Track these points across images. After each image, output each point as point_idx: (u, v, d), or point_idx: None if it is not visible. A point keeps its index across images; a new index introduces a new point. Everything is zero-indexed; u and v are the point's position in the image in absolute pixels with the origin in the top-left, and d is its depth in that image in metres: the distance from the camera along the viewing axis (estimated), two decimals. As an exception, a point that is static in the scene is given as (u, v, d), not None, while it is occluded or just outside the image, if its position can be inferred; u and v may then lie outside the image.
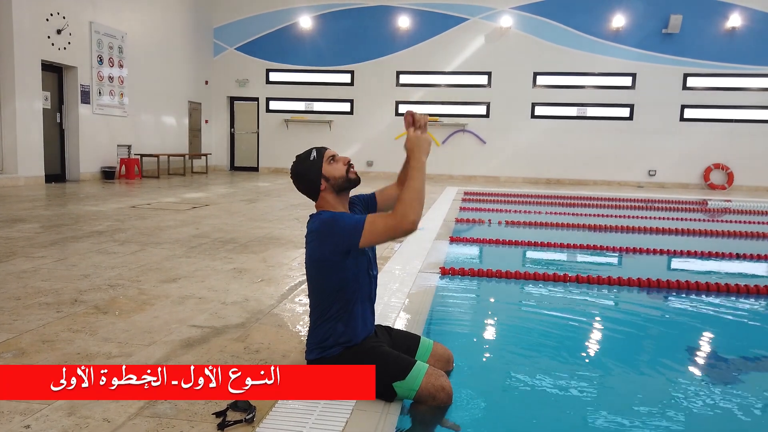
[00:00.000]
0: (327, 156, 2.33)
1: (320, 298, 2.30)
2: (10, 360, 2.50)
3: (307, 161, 2.33)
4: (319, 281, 2.29)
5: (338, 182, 2.31)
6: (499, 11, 16.32)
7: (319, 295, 2.30)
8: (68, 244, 5.10)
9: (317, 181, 2.32)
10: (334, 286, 2.26)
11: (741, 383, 2.74)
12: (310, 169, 2.32)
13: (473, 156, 16.84)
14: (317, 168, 2.31)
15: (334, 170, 2.31)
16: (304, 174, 2.33)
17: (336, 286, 2.26)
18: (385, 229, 2.14)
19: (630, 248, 5.96)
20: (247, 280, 4.04)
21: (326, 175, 2.31)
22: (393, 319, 3.26)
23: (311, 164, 2.32)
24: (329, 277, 2.25)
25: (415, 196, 2.13)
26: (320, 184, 2.32)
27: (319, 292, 2.30)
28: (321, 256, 2.25)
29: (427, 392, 2.21)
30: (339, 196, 2.34)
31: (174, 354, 2.61)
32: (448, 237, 6.17)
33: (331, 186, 2.32)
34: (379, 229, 2.14)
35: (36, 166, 10.91)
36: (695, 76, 15.87)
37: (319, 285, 2.30)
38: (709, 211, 10.55)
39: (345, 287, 2.27)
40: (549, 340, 3.26)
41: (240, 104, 17.99)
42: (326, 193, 2.33)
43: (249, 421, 1.99)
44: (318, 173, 2.31)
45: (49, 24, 11.12)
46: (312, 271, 2.31)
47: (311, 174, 2.32)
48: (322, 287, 2.29)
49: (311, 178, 2.32)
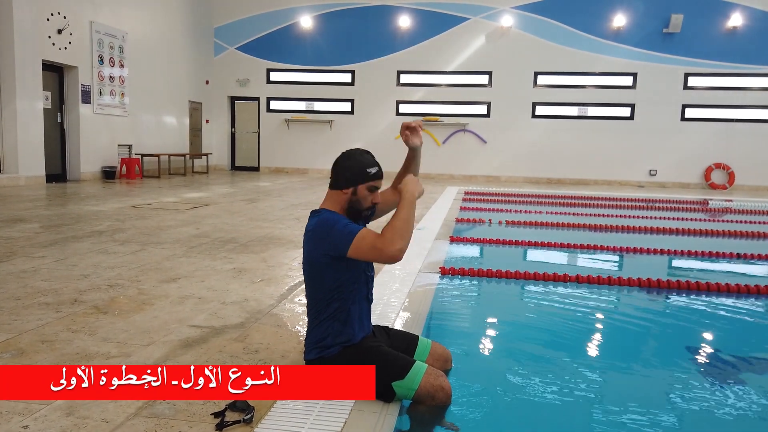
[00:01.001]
0: (374, 183, 2.30)
1: (317, 297, 2.30)
2: (8, 360, 2.50)
3: (361, 165, 2.28)
4: (316, 281, 2.29)
5: (354, 206, 2.30)
6: (500, 11, 16.31)
7: (316, 295, 2.31)
8: (68, 244, 5.10)
9: (346, 184, 2.28)
10: (330, 286, 2.26)
11: (742, 383, 2.73)
12: (353, 174, 2.27)
13: (474, 156, 16.84)
14: (358, 179, 2.27)
15: (363, 197, 2.29)
16: (347, 170, 2.28)
17: (332, 286, 2.26)
18: (370, 248, 2.14)
19: (630, 248, 5.95)
20: (246, 280, 4.04)
21: (355, 193, 2.28)
22: (393, 318, 3.26)
23: (360, 173, 2.27)
24: (325, 277, 2.25)
25: (403, 226, 2.16)
26: (346, 188, 2.29)
27: (316, 291, 2.30)
28: (315, 257, 2.25)
29: (426, 392, 2.21)
30: (344, 211, 2.32)
31: (173, 354, 2.61)
32: (448, 237, 6.17)
33: (349, 201, 2.29)
34: (366, 246, 2.14)
35: (37, 165, 10.91)
36: (696, 76, 15.85)
37: (315, 284, 2.30)
38: (709, 211, 10.54)
39: (341, 287, 2.27)
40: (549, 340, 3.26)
41: (241, 104, 17.99)
42: (341, 197, 2.30)
43: (247, 421, 1.98)
44: (353, 182, 2.27)
45: (50, 24, 11.12)
46: (308, 271, 2.31)
47: (349, 175, 2.27)
48: (318, 287, 2.29)
49: (347, 176, 2.28)
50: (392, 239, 2.12)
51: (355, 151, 2.34)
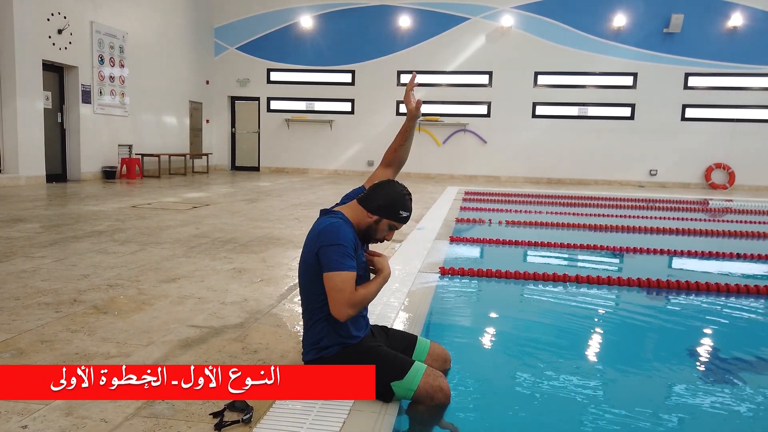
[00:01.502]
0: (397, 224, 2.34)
1: (310, 298, 2.30)
2: (8, 360, 2.50)
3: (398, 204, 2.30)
4: (311, 282, 2.28)
5: (370, 232, 2.33)
6: (500, 11, 16.30)
7: (310, 296, 2.30)
8: (68, 244, 5.10)
9: (376, 211, 2.30)
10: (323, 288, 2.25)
11: (742, 383, 2.73)
12: (388, 207, 2.29)
13: (474, 156, 16.84)
14: (388, 214, 2.30)
15: (382, 230, 2.34)
16: (384, 200, 2.30)
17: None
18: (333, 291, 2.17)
19: (631, 248, 5.95)
20: (246, 280, 4.04)
21: (378, 222, 2.31)
22: (392, 318, 3.25)
23: (394, 211, 2.30)
24: (319, 277, 2.24)
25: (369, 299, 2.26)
26: (371, 214, 2.31)
27: (310, 292, 2.30)
28: (310, 261, 2.26)
29: (425, 392, 2.21)
30: (359, 228, 2.33)
31: (172, 354, 2.61)
32: (448, 237, 6.16)
33: (369, 225, 2.32)
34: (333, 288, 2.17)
35: (37, 165, 10.91)
36: (696, 76, 15.85)
37: (309, 285, 2.29)
38: (710, 211, 10.54)
39: None
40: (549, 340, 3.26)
41: (241, 104, 17.99)
42: (364, 218, 2.31)
43: (246, 421, 1.98)
44: (382, 214, 2.30)
45: (50, 24, 11.13)
46: (303, 270, 2.31)
47: (384, 205, 2.29)
48: (312, 287, 2.28)
49: (380, 205, 2.30)
50: (354, 305, 2.18)
51: (400, 187, 2.36)
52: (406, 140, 2.62)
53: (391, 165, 2.63)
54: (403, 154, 2.63)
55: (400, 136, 2.62)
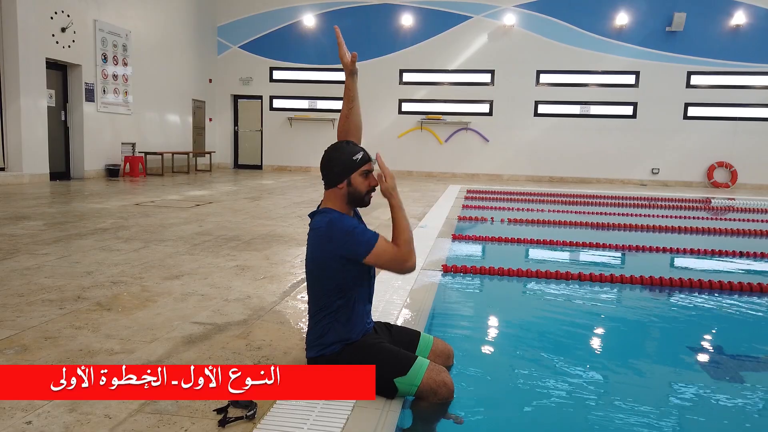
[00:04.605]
0: (366, 167, 2.28)
1: (319, 295, 2.30)
2: (12, 356, 2.51)
3: (347, 155, 2.26)
4: (320, 280, 2.28)
5: (353, 195, 2.28)
6: (503, 9, 16.28)
7: (318, 293, 2.30)
8: (72, 242, 5.11)
9: (339, 179, 2.27)
10: (335, 286, 2.26)
11: (744, 382, 2.74)
12: (343, 165, 2.25)
13: (476, 154, 16.83)
14: (349, 169, 2.26)
15: (359, 183, 2.27)
16: (335, 164, 2.26)
17: (337, 286, 2.26)
18: (389, 261, 2.21)
19: (633, 246, 5.95)
20: (249, 278, 4.05)
21: (350, 184, 2.27)
22: (395, 316, 3.26)
23: (348, 162, 2.25)
24: (332, 276, 2.25)
25: (411, 236, 2.26)
26: (340, 183, 2.27)
27: (319, 289, 2.30)
28: (323, 258, 2.24)
29: (428, 388, 2.21)
30: (346, 204, 2.31)
31: (176, 351, 2.62)
32: (450, 235, 6.17)
33: (347, 193, 2.28)
34: (386, 258, 2.21)
35: (40, 163, 10.94)
36: (699, 74, 15.81)
37: (318, 283, 2.29)
38: (712, 210, 10.52)
39: (345, 287, 2.27)
40: (551, 338, 3.26)
41: (244, 102, 18.00)
42: (339, 194, 2.29)
43: (250, 417, 1.99)
44: (346, 174, 2.26)
45: (54, 22, 11.14)
46: (313, 270, 2.31)
47: (340, 168, 2.26)
48: (321, 285, 2.28)
49: (337, 171, 2.26)
50: (408, 254, 2.23)
51: (334, 146, 2.32)
52: (353, 101, 2.46)
53: (348, 134, 2.46)
54: (355, 118, 2.47)
55: (346, 99, 2.46)
